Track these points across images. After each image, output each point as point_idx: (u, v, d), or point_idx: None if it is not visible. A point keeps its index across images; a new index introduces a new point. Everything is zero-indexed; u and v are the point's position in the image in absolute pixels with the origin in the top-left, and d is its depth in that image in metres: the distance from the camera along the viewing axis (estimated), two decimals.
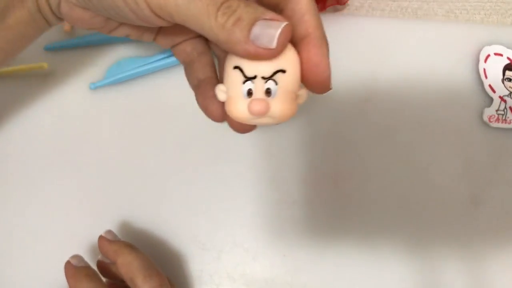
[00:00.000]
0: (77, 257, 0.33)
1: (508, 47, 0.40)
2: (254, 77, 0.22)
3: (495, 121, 0.39)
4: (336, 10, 0.42)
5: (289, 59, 0.23)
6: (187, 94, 0.29)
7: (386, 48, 0.41)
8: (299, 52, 0.23)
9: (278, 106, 0.23)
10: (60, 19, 0.28)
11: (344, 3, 0.40)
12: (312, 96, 0.25)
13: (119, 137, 0.39)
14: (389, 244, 0.37)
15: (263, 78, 0.22)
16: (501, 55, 0.40)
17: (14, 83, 0.40)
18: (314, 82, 0.24)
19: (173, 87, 0.40)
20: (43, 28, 0.28)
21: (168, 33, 0.28)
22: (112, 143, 0.39)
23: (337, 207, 0.37)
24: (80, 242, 0.36)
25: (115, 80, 0.39)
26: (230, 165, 0.38)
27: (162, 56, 0.39)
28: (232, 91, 0.23)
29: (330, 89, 0.24)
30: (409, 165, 0.38)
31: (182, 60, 0.29)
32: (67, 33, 0.41)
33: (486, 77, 0.39)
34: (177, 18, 0.22)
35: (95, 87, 0.39)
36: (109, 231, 0.35)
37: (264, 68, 0.22)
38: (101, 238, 0.34)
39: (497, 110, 0.39)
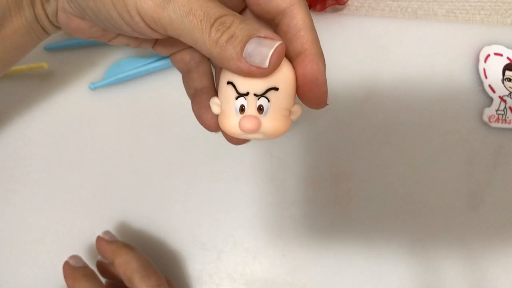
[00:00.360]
0: (75, 257, 0.33)
1: (508, 47, 0.40)
2: (247, 94, 0.22)
3: (495, 121, 0.38)
4: (336, 10, 0.42)
5: (283, 76, 0.22)
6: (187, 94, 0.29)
7: (386, 48, 0.41)
8: (295, 68, 0.23)
9: (270, 123, 0.23)
10: (58, 28, 0.28)
11: (344, 3, 0.40)
12: None
13: (118, 137, 0.39)
14: (389, 244, 0.36)
15: (256, 95, 0.22)
16: (501, 55, 0.40)
17: (14, 83, 0.40)
18: (310, 98, 0.23)
19: (173, 87, 0.40)
20: (41, 37, 0.28)
21: (166, 42, 0.28)
22: (111, 143, 0.39)
23: (337, 207, 0.37)
24: (79, 243, 0.36)
25: (115, 80, 0.39)
26: (230, 165, 0.38)
27: (162, 56, 0.39)
28: (225, 105, 0.23)
29: (327, 104, 0.24)
30: (409, 165, 0.38)
31: (180, 69, 0.29)
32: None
33: (486, 77, 0.39)
34: (171, 32, 0.22)
35: (94, 87, 0.39)
36: (107, 232, 0.35)
37: (256, 85, 0.22)
38: (99, 238, 0.34)
39: (497, 110, 0.39)
